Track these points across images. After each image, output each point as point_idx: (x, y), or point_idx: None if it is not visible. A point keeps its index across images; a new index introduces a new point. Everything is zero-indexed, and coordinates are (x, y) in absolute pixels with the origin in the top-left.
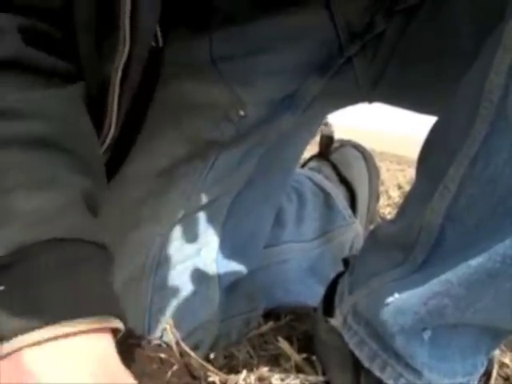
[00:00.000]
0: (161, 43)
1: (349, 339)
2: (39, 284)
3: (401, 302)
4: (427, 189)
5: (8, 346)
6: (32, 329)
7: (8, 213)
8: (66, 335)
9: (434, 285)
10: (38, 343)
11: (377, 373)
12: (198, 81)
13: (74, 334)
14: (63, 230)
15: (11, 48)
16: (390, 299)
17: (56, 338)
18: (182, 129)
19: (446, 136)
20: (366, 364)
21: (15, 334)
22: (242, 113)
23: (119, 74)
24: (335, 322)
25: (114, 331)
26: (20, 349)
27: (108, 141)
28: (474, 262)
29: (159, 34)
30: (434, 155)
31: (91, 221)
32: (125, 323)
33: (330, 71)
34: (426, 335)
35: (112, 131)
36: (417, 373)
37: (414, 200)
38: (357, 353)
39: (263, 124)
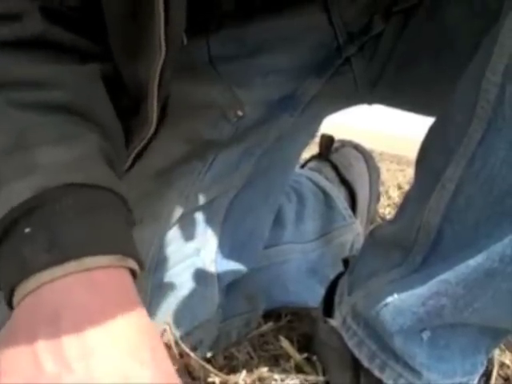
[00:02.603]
0: (185, 42)
1: (348, 339)
2: (60, 225)
3: (399, 303)
4: (425, 189)
5: (32, 283)
6: (53, 264)
7: (31, 165)
8: (86, 270)
9: (433, 285)
10: (60, 278)
11: (376, 373)
12: (196, 81)
13: (94, 269)
14: (83, 176)
15: (38, 26)
16: (388, 299)
17: (76, 272)
18: (181, 129)
19: (444, 136)
20: (366, 364)
21: (38, 270)
22: (240, 113)
23: (157, 76)
24: (335, 322)
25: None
26: (42, 284)
27: (149, 135)
28: (473, 262)
29: (184, 34)
30: (431, 155)
31: (110, 172)
32: (141, 268)
33: (328, 72)
34: (425, 335)
35: (153, 128)
36: (416, 373)
37: (412, 200)
38: (356, 353)
39: (261, 124)
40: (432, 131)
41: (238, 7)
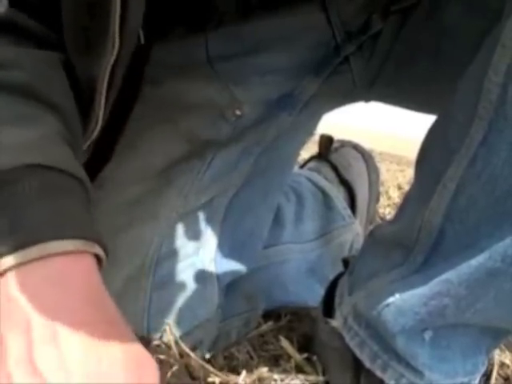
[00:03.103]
0: (142, 41)
1: (349, 340)
2: (22, 206)
3: (401, 303)
4: (426, 189)
5: None
6: (17, 249)
7: None
8: (52, 255)
9: (435, 285)
10: (24, 264)
11: (378, 373)
12: (195, 80)
13: (59, 254)
14: (47, 157)
15: (3, 9)
16: (390, 300)
17: (41, 258)
18: (179, 128)
19: (445, 136)
20: (367, 365)
21: (0, 256)
22: (238, 112)
23: (107, 73)
24: (336, 322)
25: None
26: (6, 271)
27: (94, 136)
28: (474, 262)
29: (141, 32)
30: (432, 155)
31: (71, 155)
32: (106, 253)
33: (327, 71)
34: (427, 335)
35: (98, 127)
36: (418, 373)
37: (412, 200)
38: (358, 354)
39: (260, 123)
40: (432, 131)
41: (237, 7)
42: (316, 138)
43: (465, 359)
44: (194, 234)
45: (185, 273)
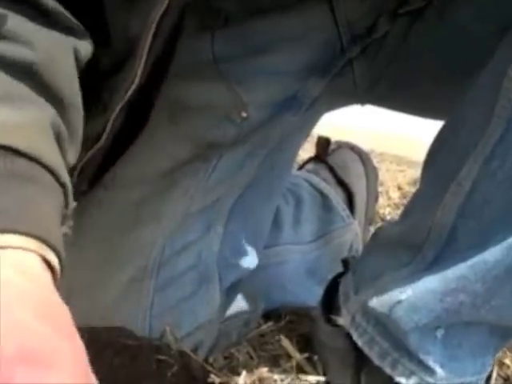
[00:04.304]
0: None
1: (357, 338)
2: None
3: (414, 300)
4: (437, 188)
5: None
6: None
7: None
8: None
9: (450, 281)
10: None
11: (388, 371)
12: (200, 82)
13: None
14: (25, 143)
15: None
16: (402, 296)
17: None
18: (184, 130)
19: (458, 136)
20: (376, 362)
21: None
22: (243, 114)
23: (153, 28)
24: (342, 320)
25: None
26: None
27: (127, 96)
28: (492, 258)
29: None
30: (443, 155)
31: (58, 152)
32: (62, 266)
33: (331, 72)
34: (439, 333)
35: (134, 86)
36: (430, 371)
37: (420, 200)
38: (366, 351)
39: (265, 125)
40: (443, 132)
41: (243, 6)
42: (314, 139)
43: (474, 358)
44: (197, 236)
45: (187, 274)
